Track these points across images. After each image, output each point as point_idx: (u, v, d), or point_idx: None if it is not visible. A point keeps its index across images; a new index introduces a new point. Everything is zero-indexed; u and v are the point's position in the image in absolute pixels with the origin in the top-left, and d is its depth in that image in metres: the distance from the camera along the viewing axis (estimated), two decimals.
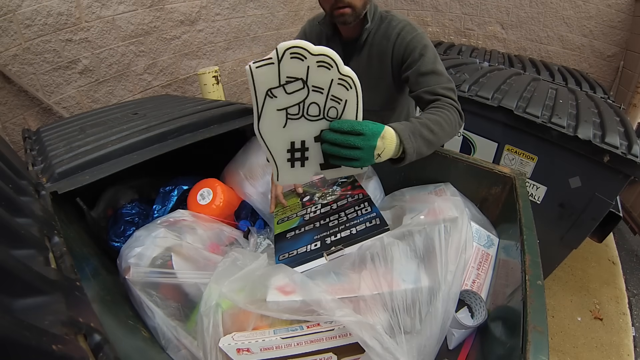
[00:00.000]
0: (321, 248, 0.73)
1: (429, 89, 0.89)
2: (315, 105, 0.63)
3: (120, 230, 0.96)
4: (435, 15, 3.66)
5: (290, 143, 0.68)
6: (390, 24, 0.97)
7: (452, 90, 0.90)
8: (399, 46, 0.95)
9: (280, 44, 0.56)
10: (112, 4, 2.23)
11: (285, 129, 0.65)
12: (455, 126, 0.85)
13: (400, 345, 0.59)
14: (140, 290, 0.71)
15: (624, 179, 1.34)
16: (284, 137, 0.67)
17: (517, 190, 0.87)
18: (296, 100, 0.62)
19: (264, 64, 0.58)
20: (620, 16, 2.75)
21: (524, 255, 0.67)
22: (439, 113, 0.82)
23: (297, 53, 0.57)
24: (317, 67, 0.59)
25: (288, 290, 0.62)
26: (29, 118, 2.07)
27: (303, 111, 0.64)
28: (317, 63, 0.58)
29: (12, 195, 0.58)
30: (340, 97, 0.63)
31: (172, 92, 2.81)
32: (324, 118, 0.65)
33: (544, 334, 0.53)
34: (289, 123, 0.65)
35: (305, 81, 0.60)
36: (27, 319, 0.34)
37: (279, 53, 0.57)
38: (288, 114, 0.64)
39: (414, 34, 0.94)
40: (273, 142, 0.67)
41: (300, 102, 0.62)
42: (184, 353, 0.67)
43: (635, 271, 2.21)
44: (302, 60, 0.58)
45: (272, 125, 0.65)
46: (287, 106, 0.63)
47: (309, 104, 0.63)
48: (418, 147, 0.73)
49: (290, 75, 0.59)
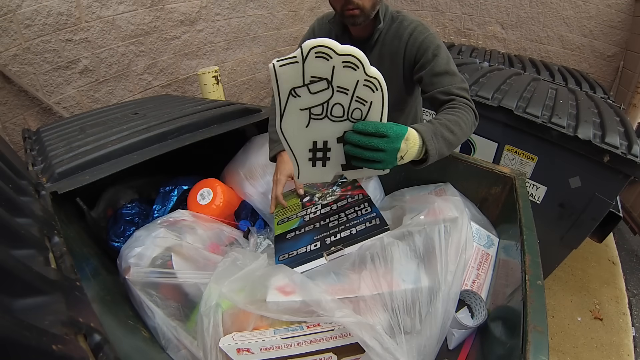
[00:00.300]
0: (321, 248, 0.73)
1: (444, 89, 0.89)
2: (340, 106, 0.62)
3: (120, 230, 0.96)
4: (435, 15, 3.66)
5: (312, 143, 0.67)
6: (402, 24, 0.97)
7: (466, 90, 0.90)
8: (411, 46, 0.95)
9: (305, 42, 0.55)
10: (112, 4, 2.23)
11: (308, 129, 0.64)
12: (471, 126, 0.85)
13: (400, 345, 0.59)
14: (140, 290, 0.71)
15: (624, 179, 1.34)
16: (307, 137, 0.66)
17: (517, 190, 0.87)
18: (320, 100, 0.61)
19: (288, 63, 0.56)
20: (620, 16, 2.75)
21: (524, 255, 0.68)
22: (457, 113, 0.82)
23: (322, 52, 0.55)
24: (342, 67, 0.57)
25: (288, 290, 0.61)
26: (29, 118, 2.07)
27: (327, 111, 0.63)
28: (343, 63, 0.57)
29: (12, 195, 0.58)
30: (365, 98, 0.61)
31: (172, 92, 2.81)
32: (347, 119, 0.63)
33: (544, 334, 0.53)
34: (312, 123, 0.63)
35: (330, 81, 0.59)
36: (27, 319, 0.34)
37: (303, 52, 0.55)
38: (311, 114, 0.63)
39: (426, 34, 0.93)
40: (295, 141, 0.66)
41: (324, 102, 0.61)
42: (184, 353, 0.67)
43: (635, 271, 2.21)
44: (327, 60, 0.56)
45: (294, 125, 0.64)
46: (310, 106, 0.61)
47: (333, 104, 0.61)
48: (440, 148, 0.73)
49: (314, 74, 0.58)
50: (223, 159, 1.20)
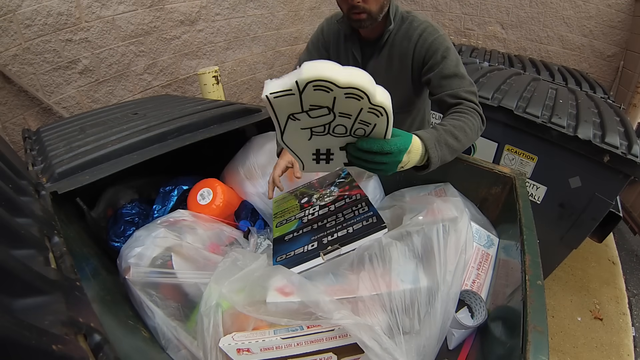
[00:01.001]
0: (318, 248, 0.73)
1: (452, 92, 0.88)
2: (342, 126, 0.59)
3: (120, 230, 0.96)
4: (435, 15, 3.66)
5: (315, 150, 0.67)
6: (412, 25, 0.96)
7: (474, 94, 0.89)
8: (420, 47, 0.94)
9: (300, 75, 0.47)
10: (112, 4, 2.23)
11: (310, 141, 0.63)
12: (477, 131, 0.85)
13: (399, 345, 0.59)
14: (140, 290, 0.71)
15: (624, 179, 1.34)
16: (310, 146, 0.65)
17: (517, 190, 0.87)
18: (321, 122, 0.58)
19: (283, 95, 0.50)
20: (620, 16, 2.75)
21: (524, 255, 0.68)
22: (462, 118, 0.82)
23: (321, 86, 0.49)
24: (345, 97, 0.52)
25: (287, 291, 0.62)
26: (29, 118, 2.07)
27: (329, 130, 0.61)
28: (346, 95, 0.51)
29: (12, 195, 0.58)
30: (369, 121, 0.58)
31: (172, 92, 2.81)
32: (350, 135, 0.62)
33: (544, 334, 0.53)
34: (314, 137, 0.62)
35: (331, 108, 0.54)
36: (27, 319, 0.34)
37: (299, 86, 0.48)
38: (313, 132, 0.61)
39: (435, 36, 0.93)
40: (298, 149, 0.66)
41: (326, 124, 0.59)
42: (184, 353, 0.67)
43: (635, 271, 2.21)
44: (327, 92, 0.50)
45: (296, 138, 0.62)
46: (311, 126, 0.59)
47: (335, 125, 0.59)
48: (443, 155, 0.74)
49: (314, 104, 0.53)
50: (223, 159, 1.20)
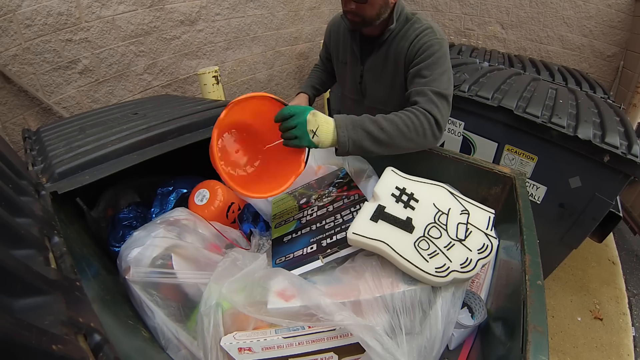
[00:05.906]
0: (317, 250, 0.73)
1: (415, 90, 0.88)
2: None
3: (120, 235, 0.95)
4: (435, 15, 3.66)
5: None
6: (413, 26, 0.97)
7: (438, 102, 0.86)
8: (413, 47, 0.95)
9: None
10: (112, 4, 2.23)
11: None
12: (419, 132, 0.82)
13: (400, 346, 0.59)
14: (140, 290, 0.71)
15: (624, 179, 1.34)
16: None
17: (517, 190, 0.86)
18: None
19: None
20: (620, 16, 2.75)
21: (524, 255, 0.67)
22: (401, 114, 0.81)
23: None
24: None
25: (288, 294, 0.61)
26: (29, 118, 2.07)
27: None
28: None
29: (12, 195, 0.58)
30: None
31: (172, 92, 2.81)
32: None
33: (544, 334, 0.53)
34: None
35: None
36: (27, 319, 0.34)
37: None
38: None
39: (432, 38, 0.92)
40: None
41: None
42: (184, 353, 0.67)
43: (635, 271, 2.21)
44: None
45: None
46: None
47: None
48: (358, 139, 0.76)
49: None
50: None
